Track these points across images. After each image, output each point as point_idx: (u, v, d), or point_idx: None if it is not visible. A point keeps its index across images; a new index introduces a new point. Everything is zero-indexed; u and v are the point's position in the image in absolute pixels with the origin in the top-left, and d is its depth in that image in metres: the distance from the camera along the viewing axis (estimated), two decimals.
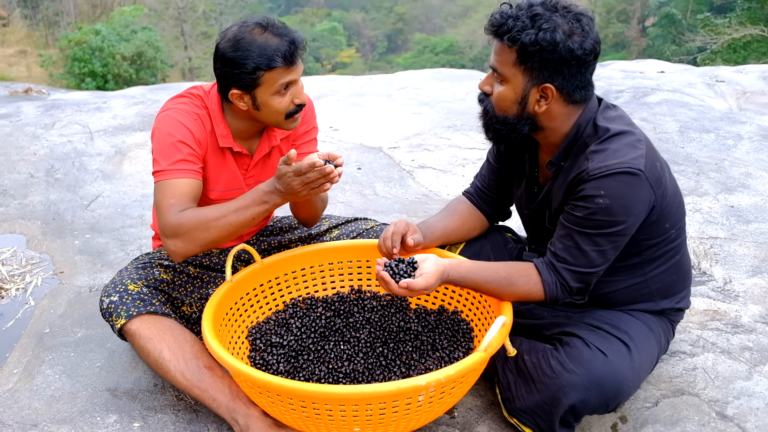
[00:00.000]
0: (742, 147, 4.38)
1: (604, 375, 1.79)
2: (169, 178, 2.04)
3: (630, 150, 1.79)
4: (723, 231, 3.25)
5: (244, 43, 1.98)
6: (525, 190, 2.15)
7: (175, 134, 2.07)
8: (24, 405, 2.15)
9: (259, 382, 1.70)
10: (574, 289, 1.88)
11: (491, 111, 1.90)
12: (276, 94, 2.04)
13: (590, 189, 1.77)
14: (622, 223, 1.78)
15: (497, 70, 1.84)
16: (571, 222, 1.83)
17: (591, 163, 1.79)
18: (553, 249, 1.89)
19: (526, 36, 1.75)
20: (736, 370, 2.26)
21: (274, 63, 1.97)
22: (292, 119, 2.12)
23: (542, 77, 1.81)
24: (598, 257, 1.83)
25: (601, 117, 1.89)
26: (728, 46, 19.69)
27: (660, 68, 6.81)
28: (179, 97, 2.20)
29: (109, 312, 2.11)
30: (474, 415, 2.08)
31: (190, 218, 1.96)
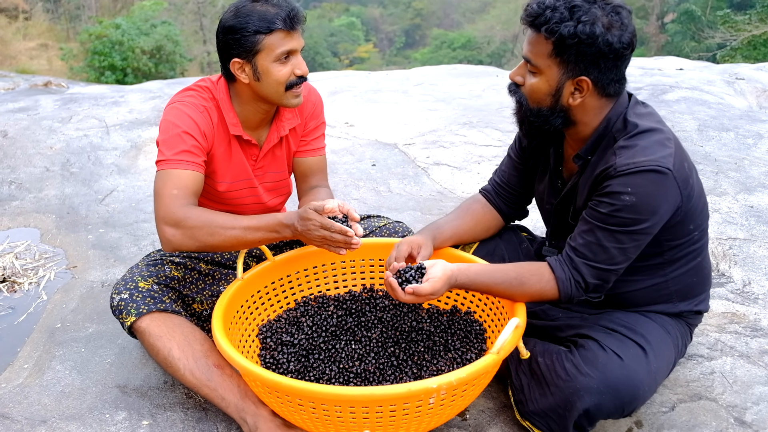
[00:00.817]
0: (763, 146, 4.32)
1: (619, 379, 1.75)
2: (172, 168, 2.04)
3: (659, 148, 1.75)
4: (742, 232, 3.20)
5: (245, 10, 2.03)
6: (548, 184, 2.11)
7: (180, 125, 2.08)
8: (33, 401, 2.15)
9: (269, 382, 1.67)
10: (591, 286, 1.83)
11: (525, 103, 1.87)
12: (276, 61, 2.05)
13: (617, 185, 1.73)
14: (647, 221, 1.74)
15: (531, 62, 1.80)
16: (595, 218, 1.79)
17: (619, 159, 1.75)
18: (573, 244, 1.85)
19: (565, 28, 1.70)
20: (755, 374, 2.22)
21: (274, 26, 2.00)
22: (292, 93, 2.12)
23: (578, 70, 1.76)
24: (619, 255, 1.78)
25: (631, 112, 1.85)
26: (748, 42, 19.48)
27: (679, 65, 6.75)
28: (187, 90, 2.21)
29: (119, 309, 2.11)
30: (486, 418, 2.06)
31: (198, 216, 1.95)
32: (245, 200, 2.35)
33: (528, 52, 1.81)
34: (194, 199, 2.04)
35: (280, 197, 2.48)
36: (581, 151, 1.90)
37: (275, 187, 2.42)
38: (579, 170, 1.93)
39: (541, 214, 2.23)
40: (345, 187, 3.89)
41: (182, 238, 1.97)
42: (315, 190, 2.39)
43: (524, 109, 1.88)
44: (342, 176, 4.02)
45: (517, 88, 1.89)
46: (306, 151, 2.40)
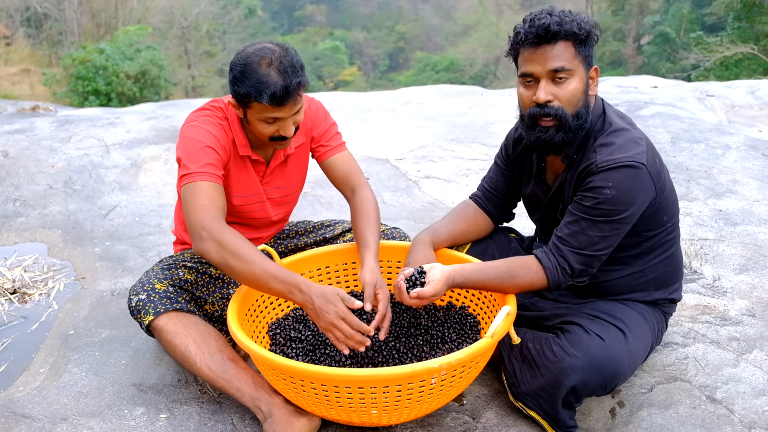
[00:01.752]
0: (730, 156, 4.55)
1: (602, 358, 1.92)
2: (199, 180, 2.12)
3: (633, 146, 1.97)
4: (712, 233, 3.40)
5: (248, 69, 2.06)
6: (535, 187, 2.30)
7: (202, 140, 2.18)
8: (53, 401, 2.23)
9: (283, 367, 1.80)
10: (576, 271, 2.02)
11: (564, 113, 1.97)
12: (262, 120, 2.13)
13: (598, 181, 1.94)
14: (626, 212, 1.95)
15: (564, 68, 1.93)
16: (579, 210, 1.98)
17: (599, 156, 1.96)
18: (559, 234, 2.04)
19: (586, 25, 1.94)
20: (725, 358, 2.39)
21: (260, 99, 2.05)
22: (277, 143, 2.22)
23: (589, 61, 1.99)
24: (601, 242, 1.98)
25: (609, 113, 2.07)
26: (720, 63, 19.93)
27: (653, 83, 6.98)
28: (202, 110, 2.31)
29: (137, 309, 2.21)
30: (482, 402, 2.20)
31: (232, 240, 2.01)
32: (255, 214, 2.46)
33: (558, 62, 1.93)
34: (223, 212, 2.11)
35: (284, 211, 2.58)
36: (570, 152, 2.09)
37: (281, 202, 2.52)
38: (566, 169, 2.12)
39: (529, 214, 2.42)
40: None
41: (210, 250, 2.02)
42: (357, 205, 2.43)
43: (568, 119, 1.98)
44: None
45: (547, 107, 1.97)
46: (326, 152, 2.47)
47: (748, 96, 6.22)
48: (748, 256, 3.14)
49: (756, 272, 2.99)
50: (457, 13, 44.41)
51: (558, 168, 2.19)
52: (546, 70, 1.95)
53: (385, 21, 44.42)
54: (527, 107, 2.02)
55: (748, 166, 4.37)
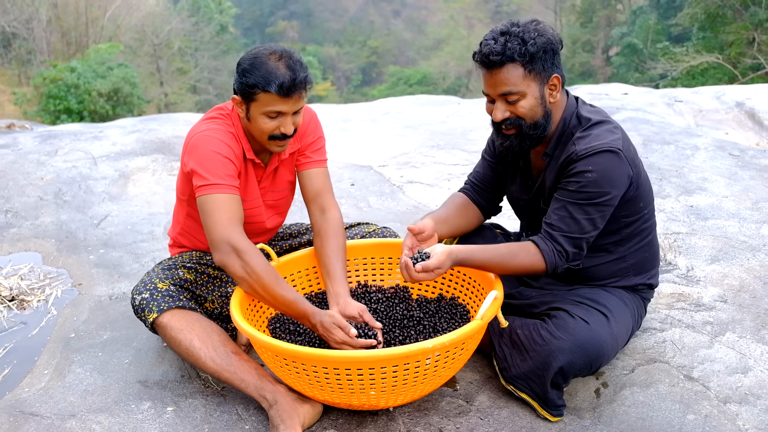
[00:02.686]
0: (699, 156, 4.74)
1: (587, 340, 2.06)
2: (219, 192, 2.19)
3: (609, 134, 2.13)
4: (684, 227, 3.57)
5: (258, 61, 2.17)
6: (521, 184, 2.42)
7: (219, 151, 2.24)
8: (59, 399, 2.27)
9: (287, 352, 1.89)
10: (570, 254, 2.15)
11: (521, 122, 2.14)
12: (265, 114, 2.20)
13: (580, 166, 2.08)
14: (608, 193, 2.09)
15: (512, 92, 2.09)
16: (565, 196, 2.13)
17: (578, 146, 2.11)
18: (548, 221, 2.17)
19: (532, 47, 2.05)
20: (700, 341, 2.54)
21: (269, 88, 2.13)
22: (275, 143, 2.27)
23: (547, 73, 2.12)
24: (588, 224, 2.12)
25: (582, 110, 2.22)
26: (687, 73, 20.33)
27: (624, 90, 7.19)
28: (212, 119, 2.37)
29: (141, 308, 2.28)
30: (474, 387, 2.31)
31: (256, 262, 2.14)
32: (254, 219, 2.51)
33: (504, 87, 2.09)
34: (242, 224, 2.22)
35: (278, 217, 2.64)
36: (548, 149, 2.24)
37: (275, 205, 2.58)
38: (546, 165, 2.26)
39: (515, 211, 2.54)
40: None
41: (236, 266, 2.14)
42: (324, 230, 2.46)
43: (524, 129, 2.15)
44: None
45: (505, 122, 2.16)
46: (307, 164, 2.51)
47: (715, 101, 6.44)
48: (719, 247, 3.31)
49: (726, 262, 3.15)
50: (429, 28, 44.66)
51: (540, 165, 2.33)
52: (497, 93, 2.12)
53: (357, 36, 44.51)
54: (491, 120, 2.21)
55: (717, 165, 4.56)
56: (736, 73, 19.33)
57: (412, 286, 2.60)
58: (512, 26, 2.10)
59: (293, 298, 2.16)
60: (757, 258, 3.17)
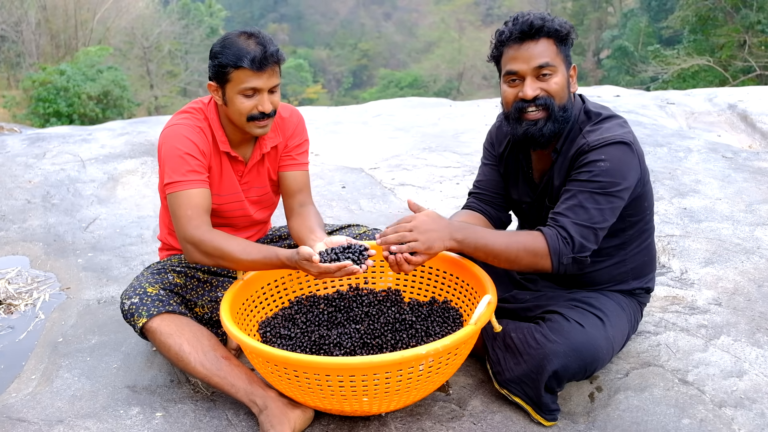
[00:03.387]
0: (692, 159, 4.74)
1: (582, 343, 2.03)
2: (182, 189, 2.23)
3: (619, 128, 2.10)
4: (678, 229, 3.56)
5: (228, 42, 2.20)
6: (523, 185, 2.37)
7: (181, 147, 2.26)
8: (47, 405, 2.24)
9: (278, 358, 1.86)
10: (577, 243, 2.03)
11: (553, 104, 2.08)
12: (240, 93, 2.21)
13: (592, 156, 2.04)
14: (620, 185, 2.05)
15: (549, 64, 2.05)
16: (575, 185, 2.07)
17: (590, 137, 2.08)
18: (556, 210, 2.10)
19: (566, 25, 2.06)
20: (694, 344, 2.52)
21: (241, 63, 2.15)
22: (254, 124, 2.27)
23: (569, 59, 2.11)
24: (598, 215, 2.05)
25: (590, 106, 2.20)
26: (678, 75, 20.44)
27: (616, 93, 7.21)
28: (182, 113, 2.39)
29: (130, 312, 2.26)
30: (467, 392, 2.28)
31: (213, 243, 2.18)
32: (235, 213, 2.51)
33: (542, 59, 2.05)
34: (207, 216, 2.25)
35: (265, 210, 2.64)
36: (558, 146, 2.19)
37: (259, 201, 2.57)
38: (552, 164, 2.21)
39: (517, 214, 2.50)
40: (319, 207, 4.04)
41: (200, 257, 2.22)
42: (303, 212, 2.50)
43: (555, 110, 2.09)
44: (315, 198, 4.14)
45: (536, 99, 2.08)
46: (290, 165, 2.53)
47: (707, 103, 6.46)
48: (713, 250, 3.30)
49: (720, 265, 3.14)
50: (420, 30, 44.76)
51: (545, 165, 2.28)
52: (531, 67, 2.06)
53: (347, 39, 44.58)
54: (511, 103, 2.13)
55: (710, 167, 4.56)
56: (726, 75, 19.44)
57: (404, 290, 2.56)
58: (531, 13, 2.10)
59: (263, 254, 2.16)
60: (751, 260, 3.16)
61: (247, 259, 2.17)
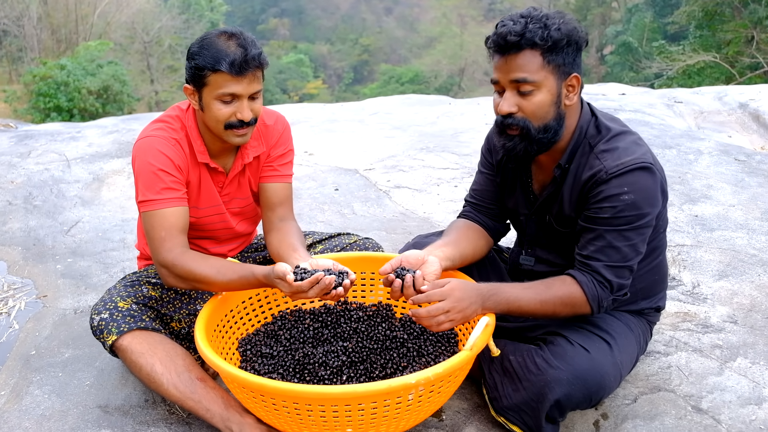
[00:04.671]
0: (703, 161, 4.57)
1: (587, 370, 1.87)
2: (156, 208, 2.12)
3: (637, 147, 1.91)
4: (689, 239, 3.39)
5: (206, 42, 2.06)
6: (520, 196, 2.20)
7: (155, 163, 2.12)
8: (14, 425, 2.14)
9: (253, 385, 1.74)
10: (615, 285, 1.91)
11: (530, 125, 1.89)
12: (218, 99, 2.07)
13: (613, 188, 1.85)
14: (648, 214, 1.88)
15: (527, 80, 1.84)
16: (599, 224, 1.89)
17: (606, 162, 1.88)
18: (584, 253, 1.94)
19: (555, 32, 1.82)
20: (708, 366, 2.37)
21: (218, 66, 2.01)
22: (232, 132, 2.13)
23: (567, 70, 1.88)
24: (631, 251, 1.90)
25: (600, 118, 1.99)
26: (683, 72, 20.28)
27: (621, 90, 7.04)
28: (157, 122, 2.25)
29: (99, 329, 2.14)
30: (462, 417, 2.15)
31: (186, 267, 2.07)
32: (216, 225, 2.39)
33: (520, 73, 1.84)
34: (182, 237, 2.14)
35: (247, 222, 2.52)
36: (562, 161, 2.00)
37: (241, 212, 2.45)
38: (557, 179, 2.03)
39: (513, 224, 2.33)
40: (310, 210, 3.96)
41: (174, 281, 2.13)
42: (283, 228, 2.36)
43: (532, 132, 1.90)
44: (306, 201, 4.10)
45: (509, 117, 1.91)
46: (271, 177, 2.39)
47: (716, 102, 6.30)
48: (727, 261, 3.14)
49: (735, 278, 2.98)
50: (421, 25, 44.86)
51: (545, 178, 2.10)
52: (508, 80, 1.88)
53: (348, 34, 44.70)
54: (496, 114, 1.96)
55: (721, 171, 4.40)
56: (733, 72, 19.26)
57: (395, 304, 2.42)
58: (534, 11, 1.88)
59: (238, 274, 2.05)
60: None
61: (223, 281, 2.06)
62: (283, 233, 2.33)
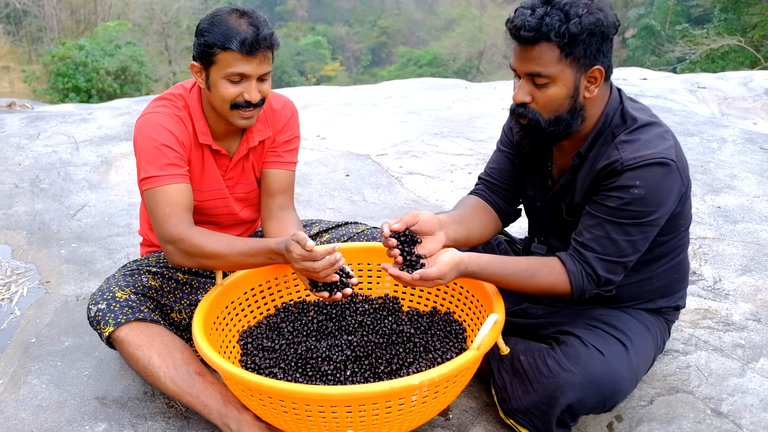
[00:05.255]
0: (726, 150, 4.47)
1: (601, 375, 1.79)
2: (160, 185, 2.07)
3: (660, 141, 1.80)
4: (711, 231, 3.30)
5: (216, 19, 2.02)
6: (538, 182, 2.12)
7: (157, 138, 2.08)
8: (10, 415, 2.13)
9: (252, 384, 1.69)
10: (603, 279, 1.85)
11: (540, 117, 1.84)
12: (226, 78, 2.04)
13: (625, 180, 1.77)
14: (655, 213, 1.79)
15: (541, 74, 1.77)
16: (603, 212, 1.82)
17: (624, 153, 1.79)
18: (580, 239, 1.87)
19: (573, 26, 1.71)
20: (729, 367, 2.29)
21: (229, 44, 1.97)
22: (239, 113, 2.10)
23: (589, 62, 1.78)
24: (628, 247, 1.82)
25: (628, 107, 1.89)
26: (707, 56, 20.03)
27: (642, 75, 6.95)
28: (159, 100, 2.21)
29: (96, 320, 2.10)
30: (469, 417, 2.09)
31: (193, 241, 2.03)
32: (219, 210, 2.35)
33: (534, 66, 1.78)
34: (188, 214, 2.09)
35: (251, 209, 2.48)
36: (582, 149, 1.91)
37: (245, 198, 2.41)
38: (575, 167, 1.95)
39: (527, 211, 2.24)
40: (320, 197, 3.91)
41: (181, 258, 2.07)
42: (282, 217, 2.34)
43: (542, 125, 1.85)
44: (316, 187, 4.05)
45: (523, 107, 1.86)
46: (274, 162, 2.35)
47: (741, 88, 6.18)
48: (750, 255, 3.04)
49: (759, 273, 2.89)
50: (440, 8, 44.72)
51: (565, 163, 2.01)
52: (523, 71, 1.82)
53: (367, 15, 44.68)
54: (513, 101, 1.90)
55: (746, 160, 4.29)
56: (758, 57, 18.97)
57: (403, 297, 2.36)
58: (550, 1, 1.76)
59: (249, 246, 2.03)
60: None
61: (232, 253, 2.03)
62: (283, 223, 2.30)
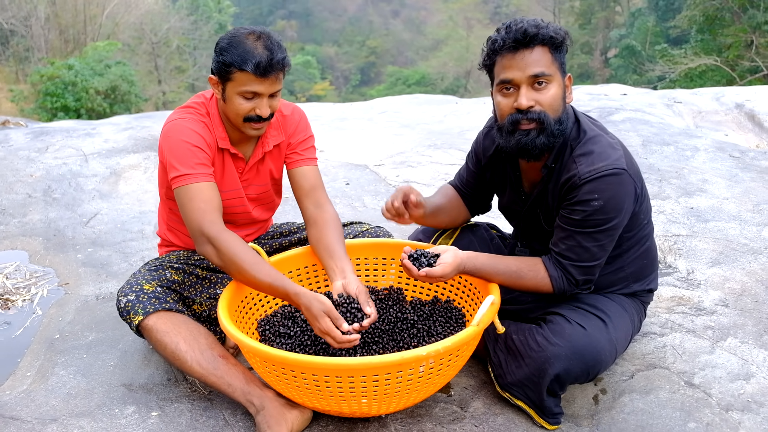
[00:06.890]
0: (699, 157, 4.67)
1: (584, 346, 1.99)
2: (193, 182, 2.17)
3: (612, 151, 2.01)
4: (684, 229, 3.50)
5: (235, 40, 2.15)
6: (512, 194, 2.32)
7: (189, 140, 2.22)
8: (41, 403, 2.22)
9: (275, 358, 1.83)
10: (580, 281, 2.08)
11: (547, 118, 1.97)
12: (240, 95, 2.17)
13: (584, 194, 1.97)
14: (616, 218, 2.00)
15: (544, 73, 1.94)
16: (571, 224, 2.02)
17: (581, 167, 1.99)
18: (557, 249, 2.08)
19: (561, 33, 1.96)
20: (701, 346, 2.48)
21: (245, 66, 2.11)
22: (249, 125, 2.24)
23: (564, 67, 2.02)
24: (599, 251, 2.04)
25: (581, 120, 2.10)
26: (685, 75, 20.36)
27: (622, 91, 7.13)
28: (185, 108, 2.34)
29: (126, 310, 2.22)
30: (469, 393, 2.25)
31: (228, 245, 2.11)
32: (236, 209, 2.47)
33: (536, 67, 1.93)
34: (219, 213, 2.18)
35: (264, 209, 2.60)
36: (548, 162, 2.10)
37: (258, 198, 2.53)
38: (545, 178, 2.13)
39: (508, 219, 2.45)
40: None
41: (212, 255, 2.14)
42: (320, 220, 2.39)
43: (550, 124, 1.97)
44: None
45: (530, 111, 1.96)
46: (297, 161, 2.48)
47: (714, 102, 6.38)
48: (720, 250, 3.24)
49: (727, 265, 3.09)
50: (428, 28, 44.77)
51: (534, 177, 2.20)
52: (526, 75, 1.94)
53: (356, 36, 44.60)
54: (506, 115, 2.01)
55: (717, 166, 4.49)
56: (734, 75, 19.35)
57: (406, 288, 2.53)
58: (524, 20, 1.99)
59: (270, 281, 2.08)
60: (758, 261, 3.11)
61: (251, 274, 2.09)
62: (319, 228, 2.39)
